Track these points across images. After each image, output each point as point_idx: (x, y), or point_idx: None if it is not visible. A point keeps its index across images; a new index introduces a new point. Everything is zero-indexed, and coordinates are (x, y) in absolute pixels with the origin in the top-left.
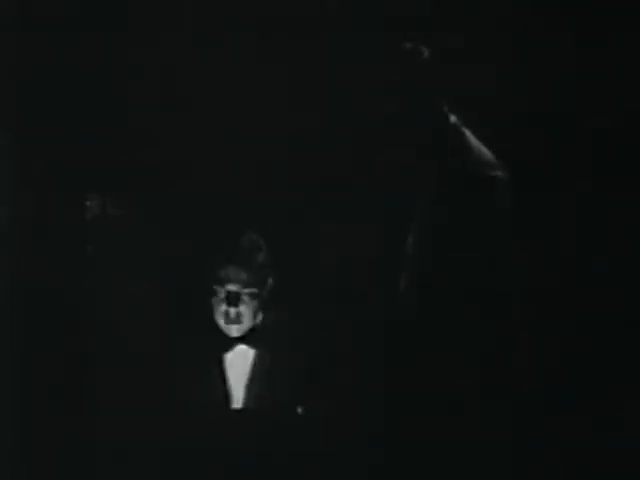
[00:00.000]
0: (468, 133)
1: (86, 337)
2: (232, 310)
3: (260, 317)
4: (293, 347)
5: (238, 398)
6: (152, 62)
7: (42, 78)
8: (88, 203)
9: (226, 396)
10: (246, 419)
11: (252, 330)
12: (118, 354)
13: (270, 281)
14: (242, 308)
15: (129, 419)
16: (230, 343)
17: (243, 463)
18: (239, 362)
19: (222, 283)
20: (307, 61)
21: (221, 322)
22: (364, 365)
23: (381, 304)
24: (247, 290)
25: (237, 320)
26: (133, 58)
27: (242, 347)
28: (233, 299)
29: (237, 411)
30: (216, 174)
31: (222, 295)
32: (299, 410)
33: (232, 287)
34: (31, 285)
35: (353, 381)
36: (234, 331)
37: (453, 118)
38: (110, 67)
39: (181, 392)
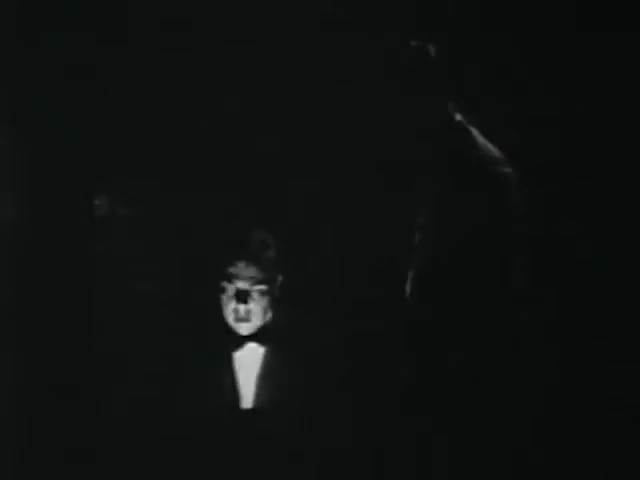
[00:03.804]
0: (474, 131)
1: (94, 336)
2: (242, 308)
3: (270, 315)
4: (303, 345)
5: (248, 397)
6: (157, 61)
7: (45, 77)
8: (97, 202)
9: (236, 395)
10: (256, 418)
11: (262, 328)
12: (126, 353)
13: (280, 278)
14: (252, 306)
15: (137, 419)
16: (240, 341)
17: (253, 462)
18: (249, 360)
19: (232, 280)
20: (309, 60)
21: (231, 320)
22: (374, 364)
23: (390, 303)
24: (257, 287)
25: (247, 318)
26: (138, 57)
27: (252, 345)
28: (243, 297)
29: (247, 410)
30: (226, 172)
31: (232, 293)
32: None
33: (242, 284)
34: (39, 284)
35: (363, 380)
36: (244, 329)
37: (459, 117)
38: (115, 65)
39: (190, 391)
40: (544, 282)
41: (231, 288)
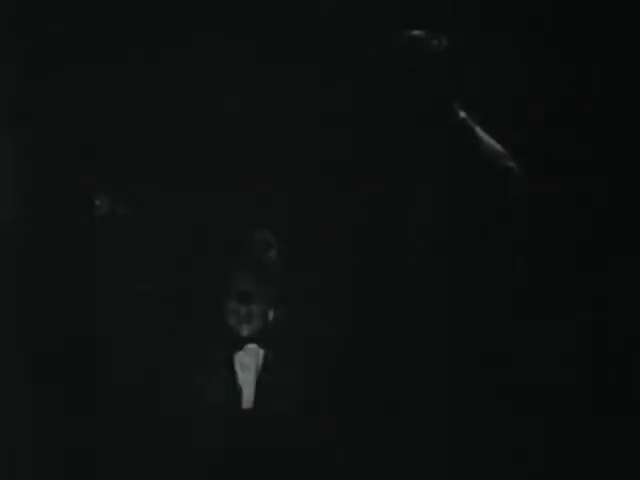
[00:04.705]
0: (478, 129)
1: (94, 336)
2: (243, 309)
3: (271, 316)
4: (304, 346)
5: (249, 398)
6: (157, 61)
7: (45, 77)
8: (97, 202)
9: (236, 395)
10: (257, 419)
11: (262, 329)
12: (127, 354)
13: (281, 279)
14: (253, 307)
15: (137, 418)
16: (241, 342)
17: (253, 462)
18: (250, 361)
19: (233, 281)
20: (309, 60)
21: (232, 321)
22: (375, 363)
23: (390, 302)
24: (258, 288)
25: (248, 319)
26: (138, 56)
27: (253, 346)
28: (244, 298)
29: (248, 411)
30: (226, 172)
31: (233, 293)
32: None
33: (243, 285)
34: (39, 284)
35: (363, 380)
36: (245, 330)
37: (462, 114)
38: (116, 63)
39: (191, 392)
40: (544, 282)
41: (232, 289)
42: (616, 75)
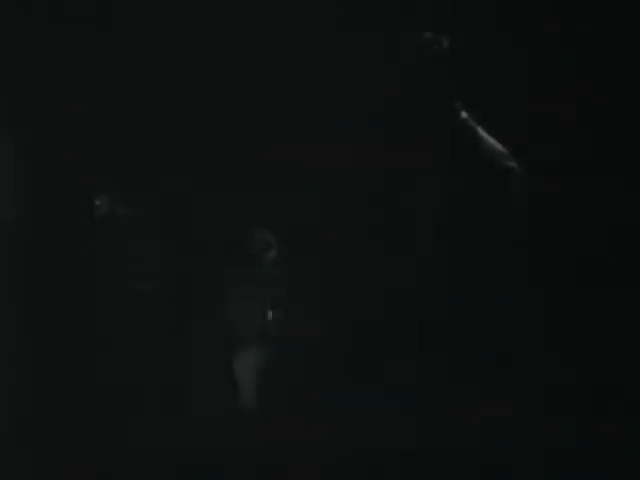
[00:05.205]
0: (478, 129)
1: (94, 336)
2: (242, 308)
3: (270, 315)
4: (303, 346)
5: (248, 397)
6: (157, 61)
7: (45, 77)
8: (97, 202)
9: (236, 395)
10: (256, 418)
11: (262, 328)
12: (126, 354)
13: (281, 279)
14: (253, 305)
15: (137, 419)
16: (240, 342)
17: (254, 462)
18: (249, 360)
19: (233, 281)
20: (309, 60)
21: (231, 321)
22: (374, 363)
23: (391, 302)
24: (258, 287)
25: (247, 318)
26: (140, 56)
27: (252, 345)
28: (244, 297)
29: (247, 410)
30: (226, 172)
31: (233, 293)
32: None
33: (243, 284)
34: (39, 284)
35: (363, 379)
36: (244, 329)
37: (464, 114)
38: (117, 66)
39: (191, 392)
40: (544, 281)
41: (232, 288)
42: (616, 75)
